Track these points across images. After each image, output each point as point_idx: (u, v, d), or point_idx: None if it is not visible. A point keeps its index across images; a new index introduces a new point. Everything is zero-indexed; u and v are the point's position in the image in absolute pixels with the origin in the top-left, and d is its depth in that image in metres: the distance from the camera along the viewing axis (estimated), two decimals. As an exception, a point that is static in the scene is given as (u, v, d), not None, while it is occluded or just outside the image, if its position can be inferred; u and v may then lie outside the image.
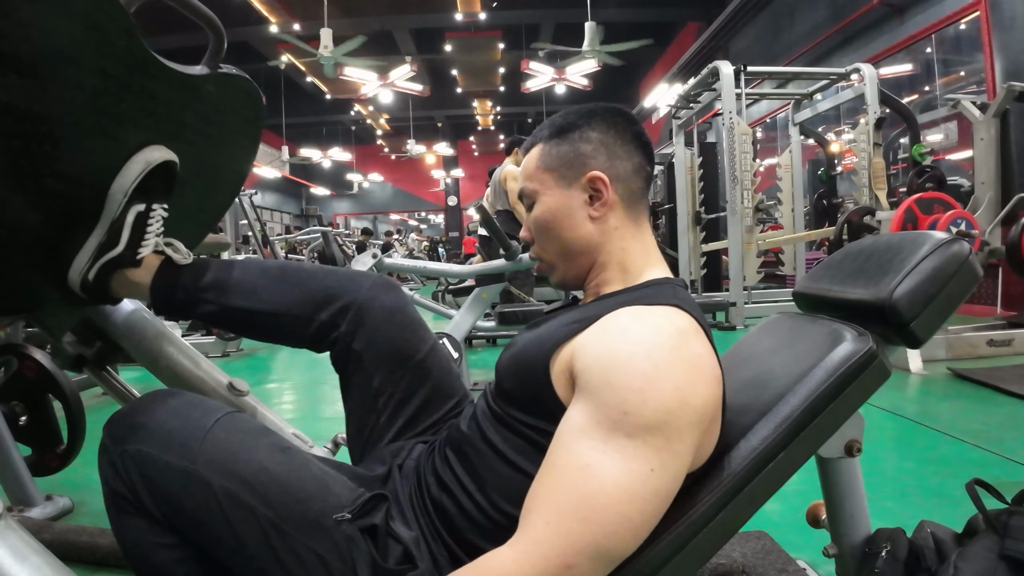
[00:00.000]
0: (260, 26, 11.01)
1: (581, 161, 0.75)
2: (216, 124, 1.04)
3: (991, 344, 3.22)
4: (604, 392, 0.60)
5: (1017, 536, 0.74)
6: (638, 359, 0.60)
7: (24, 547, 0.69)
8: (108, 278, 0.92)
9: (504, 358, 0.77)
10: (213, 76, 0.96)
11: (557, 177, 0.76)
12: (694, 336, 0.64)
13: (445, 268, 2.82)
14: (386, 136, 19.22)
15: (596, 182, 0.74)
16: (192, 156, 0.99)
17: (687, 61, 9.95)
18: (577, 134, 0.76)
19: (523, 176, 0.80)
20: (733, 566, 1.16)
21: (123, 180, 0.89)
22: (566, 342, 0.66)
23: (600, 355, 0.62)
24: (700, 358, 0.63)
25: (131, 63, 0.81)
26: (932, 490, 1.61)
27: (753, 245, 4.85)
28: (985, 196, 3.95)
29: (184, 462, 0.69)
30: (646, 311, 0.65)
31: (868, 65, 4.84)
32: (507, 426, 0.71)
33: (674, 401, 0.59)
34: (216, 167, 1.12)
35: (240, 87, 1.04)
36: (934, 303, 0.73)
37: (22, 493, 1.52)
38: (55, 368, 1.53)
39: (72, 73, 0.75)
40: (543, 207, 0.77)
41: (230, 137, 1.10)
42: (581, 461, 0.59)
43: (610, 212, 0.75)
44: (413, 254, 10.34)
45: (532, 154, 0.79)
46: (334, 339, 0.92)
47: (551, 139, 0.78)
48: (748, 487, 0.67)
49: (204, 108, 0.99)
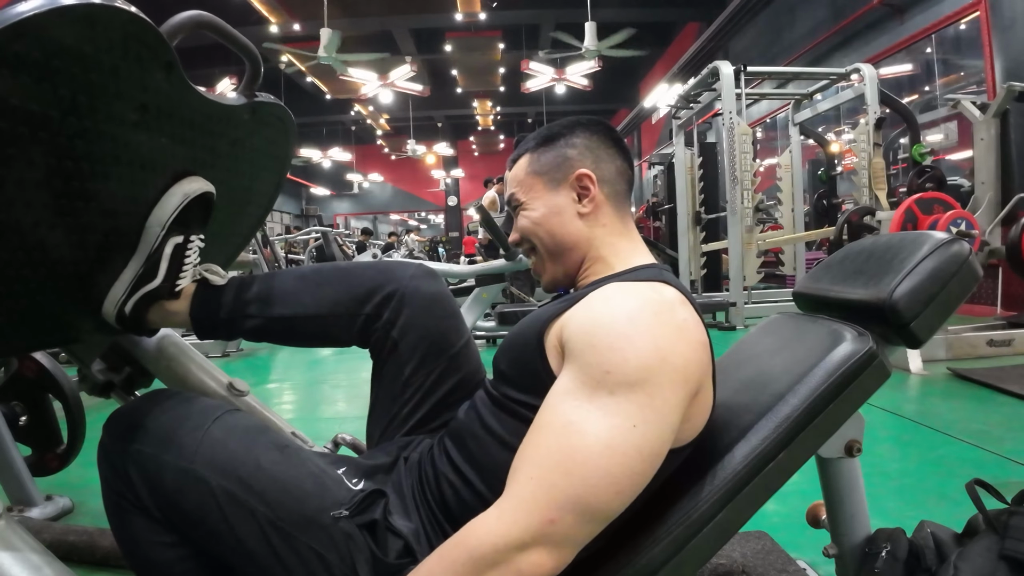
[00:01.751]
0: (260, 26, 11.01)
1: (568, 164, 0.79)
2: (249, 149, 1.04)
3: (991, 344, 3.22)
4: (587, 354, 0.62)
5: (1017, 536, 0.74)
6: (619, 322, 0.63)
7: (24, 547, 0.70)
8: (145, 310, 0.91)
9: (501, 345, 0.80)
10: (250, 105, 0.97)
11: (546, 180, 0.80)
12: (680, 304, 0.67)
13: (445, 268, 2.82)
14: (386, 136, 19.21)
15: (584, 179, 0.78)
16: (223, 181, 0.98)
17: (687, 61, 9.95)
18: (562, 141, 0.80)
19: (512, 183, 0.83)
20: (733, 566, 1.16)
21: (160, 213, 0.88)
22: (557, 317, 0.69)
23: (583, 322, 0.65)
24: (684, 322, 0.65)
25: (172, 97, 0.81)
26: (932, 490, 1.61)
27: (753, 245, 4.85)
28: (985, 196, 3.96)
29: (182, 462, 0.70)
30: (632, 285, 0.69)
31: (868, 65, 4.84)
32: (503, 408, 0.72)
33: (654, 359, 0.61)
34: (248, 190, 1.12)
35: (274, 114, 1.04)
36: (934, 303, 0.73)
37: (22, 493, 1.52)
38: (55, 368, 1.53)
39: (115, 108, 0.74)
40: (531, 213, 0.80)
41: (262, 162, 1.10)
42: (565, 419, 0.60)
43: (598, 210, 0.79)
44: (413, 254, 10.33)
45: (520, 163, 0.83)
46: (376, 328, 0.90)
47: (538, 148, 0.82)
48: (748, 487, 0.67)
49: (239, 135, 0.99)
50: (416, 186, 21.76)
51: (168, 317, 0.93)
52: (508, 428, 0.71)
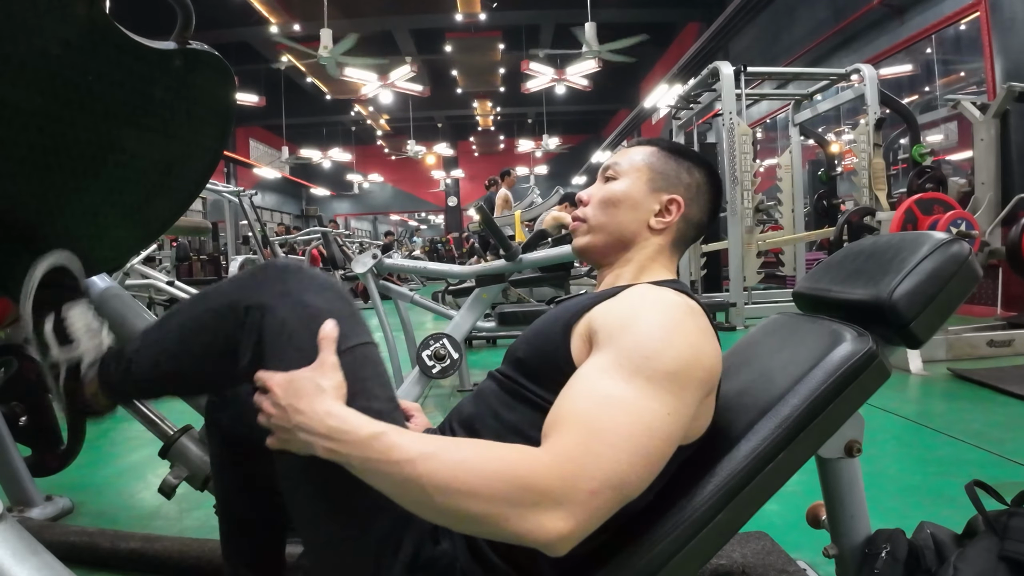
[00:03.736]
0: (260, 27, 11.01)
1: (676, 183, 0.83)
2: (186, 99, 1.03)
3: (991, 344, 3.22)
4: (625, 338, 0.63)
5: (1016, 537, 0.74)
6: (656, 313, 0.65)
7: (24, 547, 0.69)
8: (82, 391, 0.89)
9: (520, 336, 0.80)
10: (181, 52, 0.96)
11: (651, 177, 0.83)
12: (700, 313, 0.69)
13: (445, 268, 2.82)
14: (386, 136, 19.22)
15: (672, 204, 0.82)
16: (161, 130, 0.98)
17: (687, 62, 9.95)
18: (687, 164, 0.84)
19: (622, 156, 0.87)
20: (733, 566, 1.16)
21: (23, 309, 0.89)
22: (587, 311, 0.71)
23: (620, 311, 0.67)
24: (708, 330, 0.68)
25: (95, 32, 0.81)
26: (932, 490, 1.61)
27: (753, 246, 4.85)
28: (985, 197, 3.96)
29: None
30: (662, 288, 0.72)
31: (868, 66, 4.85)
32: (518, 397, 0.72)
33: (690, 355, 0.63)
34: (189, 142, 1.11)
35: (209, 63, 1.03)
36: (934, 303, 0.73)
37: (22, 493, 1.52)
38: (55, 368, 1.53)
39: (35, 42, 0.75)
40: (624, 186, 0.83)
41: (201, 113, 1.09)
42: (605, 391, 0.60)
43: (665, 232, 0.83)
44: (413, 254, 10.34)
45: (644, 150, 0.86)
46: None
47: (666, 151, 0.85)
48: (748, 487, 0.67)
49: (172, 82, 0.98)
50: (416, 187, 21.77)
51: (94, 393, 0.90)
52: (526, 419, 0.70)
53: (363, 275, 2.42)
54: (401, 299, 2.66)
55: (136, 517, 1.61)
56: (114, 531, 1.38)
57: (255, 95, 13.09)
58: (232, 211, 6.59)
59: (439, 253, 14.89)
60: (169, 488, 1.16)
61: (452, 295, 3.69)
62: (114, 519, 1.59)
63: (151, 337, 0.87)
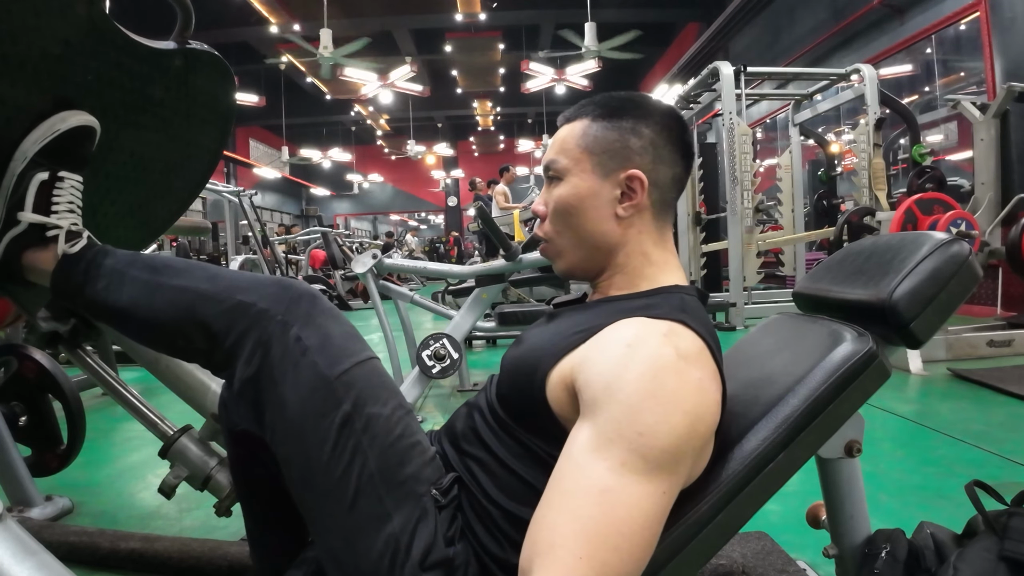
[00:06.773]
0: (260, 26, 11.01)
1: (625, 155, 0.71)
2: (185, 99, 1.03)
3: (991, 345, 3.22)
4: (613, 409, 0.57)
5: (1016, 537, 0.74)
6: (647, 379, 0.58)
7: (24, 547, 0.69)
8: (17, 258, 0.81)
9: (509, 356, 0.75)
10: (181, 51, 0.96)
11: (595, 163, 0.71)
12: (696, 358, 0.62)
13: (445, 268, 2.82)
14: (386, 136, 19.22)
15: (633, 181, 0.71)
16: (160, 129, 0.98)
17: (687, 62, 9.95)
18: (629, 124, 0.71)
19: (556, 148, 0.75)
20: (733, 566, 1.16)
21: (27, 144, 0.82)
22: (566, 355, 0.65)
23: (603, 370, 0.60)
24: (701, 382, 0.60)
25: (94, 32, 0.81)
26: (932, 490, 1.61)
27: (753, 246, 4.85)
28: (985, 197, 3.95)
29: (327, 370, 0.68)
30: (650, 325, 0.63)
31: (868, 66, 4.84)
32: (506, 431, 0.71)
33: (685, 427, 0.58)
34: (188, 143, 1.11)
35: (209, 63, 1.03)
36: (934, 304, 0.73)
37: (22, 493, 1.51)
38: (55, 368, 1.53)
39: (35, 42, 0.75)
40: (571, 188, 0.72)
41: (201, 113, 1.09)
42: (601, 484, 0.55)
43: (638, 215, 0.72)
44: (413, 254, 10.35)
45: (573, 129, 0.74)
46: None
47: (600, 119, 0.72)
48: (748, 487, 0.67)
49: (171, 82, 0.98)
50: (416, 186, 21.76)
51: (35, 270, 0.83)
52: (512, 453, 0.69)
53: (363, 275, 2.42)
54: (401, 299, 2.66)
55: (136, 517, 1.61)
56: (114, 531, 1.38)
57: (255, 95, 13.09)
58: (232, 211, 6.59)
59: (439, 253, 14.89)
60: (169, 488, 1.16)
61: (452, 295, 3.69)
62: (114, 519, 1.59)
63: (141, 278, 0.78)
